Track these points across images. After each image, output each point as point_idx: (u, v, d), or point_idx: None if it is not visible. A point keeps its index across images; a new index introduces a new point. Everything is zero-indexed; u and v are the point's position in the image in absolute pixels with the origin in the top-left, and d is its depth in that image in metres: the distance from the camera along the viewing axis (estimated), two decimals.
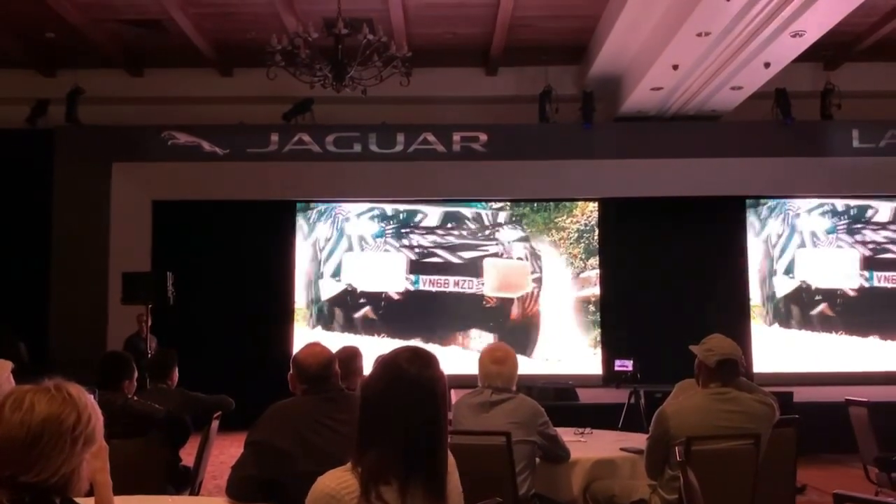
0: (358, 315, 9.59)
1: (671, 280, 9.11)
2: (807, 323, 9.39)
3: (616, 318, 9.21)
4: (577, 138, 9.23)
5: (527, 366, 8.26)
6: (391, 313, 9.56)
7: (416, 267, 9.63)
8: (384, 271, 9.58)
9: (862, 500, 2.07)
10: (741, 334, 8.84)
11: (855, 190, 9.36)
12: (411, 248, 9.64)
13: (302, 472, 2.55)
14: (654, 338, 8.43)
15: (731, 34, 7.01)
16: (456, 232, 9.61)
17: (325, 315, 9.58)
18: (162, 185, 9.29)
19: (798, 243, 9.49)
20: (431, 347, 8.25)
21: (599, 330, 9.30)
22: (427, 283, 9.58)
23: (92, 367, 3.96)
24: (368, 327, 9.55)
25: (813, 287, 9.43)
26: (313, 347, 2.97)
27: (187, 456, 4.36)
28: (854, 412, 5.27)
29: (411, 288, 9.61)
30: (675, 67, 7.76)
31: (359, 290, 9.60)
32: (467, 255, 9.65)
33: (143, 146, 9.28)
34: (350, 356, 4.08)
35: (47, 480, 1.54)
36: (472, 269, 9.61)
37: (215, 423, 4.42)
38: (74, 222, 9.16)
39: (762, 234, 9.47)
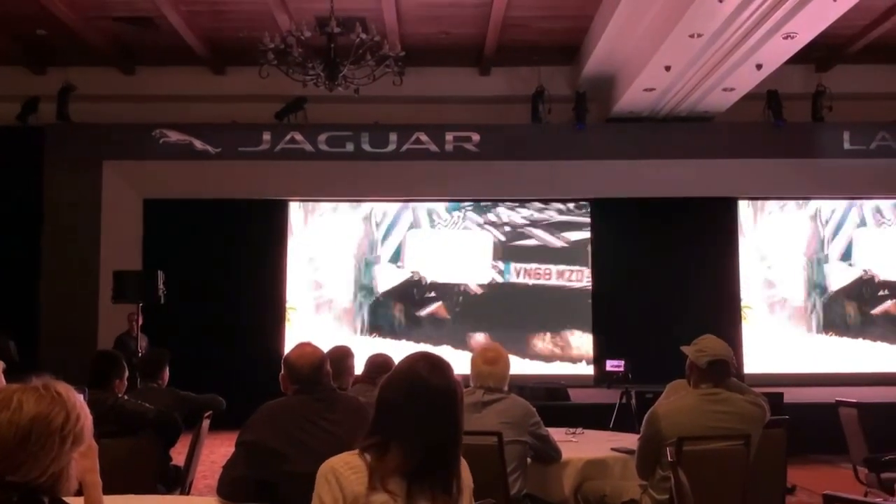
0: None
1: (663, 280, 9.13)
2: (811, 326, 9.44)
3: (608, 319, 9.22)
4: (569, 139, 9.24)
5: (518, 366, 8.27)
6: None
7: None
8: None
9: (851, 500, 2.08)
10: (732, 335, 8.86)
11: (846, 192, 9.41)
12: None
13: (293, 472, 2.56)
14: (646, 338, 8.45)
15: (723, 35, 7.02)
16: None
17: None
18: (153, 183, 9.26)
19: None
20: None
21: (591, 329, 9.31)
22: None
23: (82, 365, 3.95)
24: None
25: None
26: (304, 348, 2.97)
27: (178, 455, 4.35)
28: (844, 413, 5.30)
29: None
30: (668, 68, 7.78)
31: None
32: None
33: (135, 144, 9.25)
34: (341, 356, 4.08)
35: (36, 480, 1.53)
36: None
37: (206, 423, 4.41)
38: (65, 220, 9.12)
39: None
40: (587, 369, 9.15)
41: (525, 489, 3.65)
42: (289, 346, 7.10)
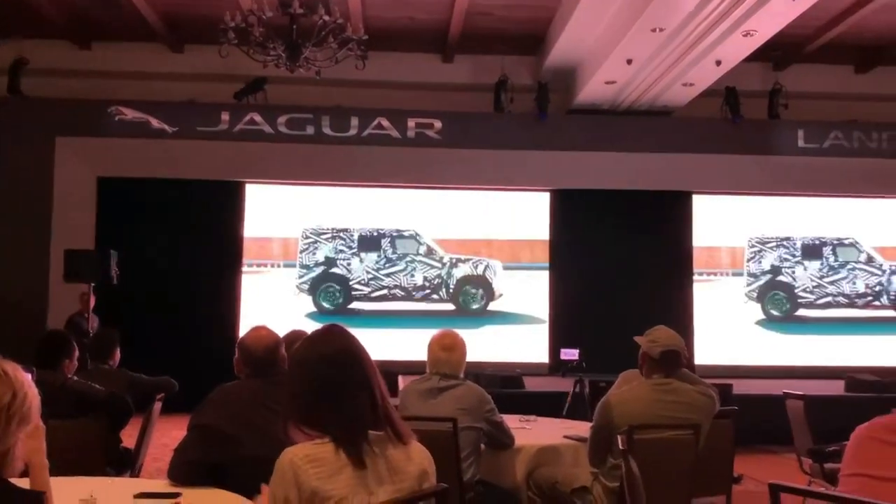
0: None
1: (619, 271, 9.24)
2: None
3: (564, 308, 9.31)
4: (531, 129, 9.28)
5: (474, 353, 8.30)
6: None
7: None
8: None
9: (796, 489, 2.13)
10: (684, 326, 9.02)
11: (799, 189, 9.60)
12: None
13: (246, 456, 2.54)
14: (601, 328, 8.55)
15: (684, 31, 7.10)
16: None
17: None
18: (107, 161, 9.06)
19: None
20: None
21: (548, 318, 9.38)
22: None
23: (31, 346, 3.87)
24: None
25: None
26: (259, 331, 2.95)
27: (128, 438, 4.30)
28: (790, 405, 5.43)
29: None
30: (629, 62, 7.84)
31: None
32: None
33: (89, 121, 9.04)
34: (296, 339, 4.06)
35: None
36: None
37: (158, 405, 4.36)
38: (16, 197, 8.89)
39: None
40: (542, 357, 9.23)
41: (478, 475, 3.69)
42: (243, 329, 7.06)
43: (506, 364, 8.73)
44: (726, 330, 9.53)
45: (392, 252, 9.41)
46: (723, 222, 9.69)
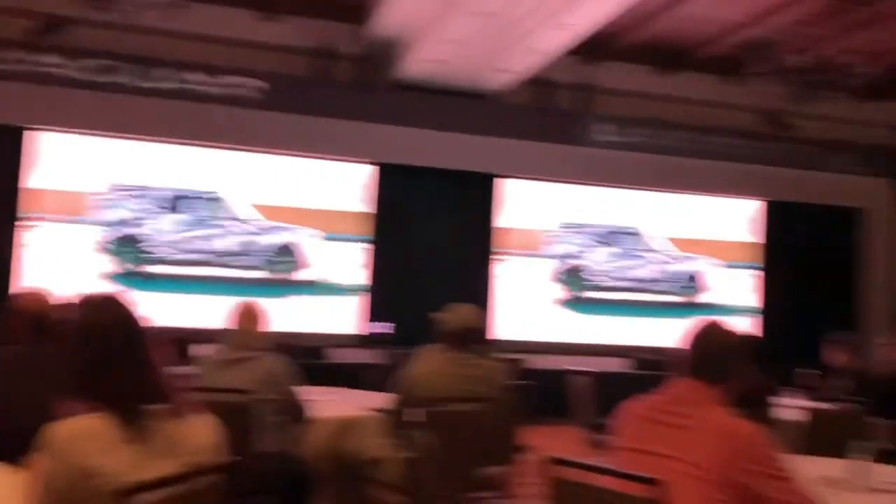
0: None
1: (433, 248, 9.39)
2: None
3: (380, 281, 9.35)
4: (353, 99, 9.18)
5: (285, 323, 8.18)
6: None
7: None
8: None
9: (570, 462, 2.28)
10: (486, 303, 9.36)
11: (604, 181, 10.19)
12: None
13: (8, 427, 2.35)
14: (414, 303, 8.66)
15: (505, 17, 7.29)
16: None
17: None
18: None
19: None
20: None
21: (362, 292, 9.39)
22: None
23: None
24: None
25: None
26: (30, 294, 2.75)
27: None
28: (575, 381, 5.82)
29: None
30: (452, 42, 7.96)
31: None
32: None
33: None
34: (74, 307, 3.81)
35: None
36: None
37: None
38: None
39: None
40: (355, 330, 9.24)
41: (274, 447, 3.65)
42: (20, 290, 6.43)
43: (316, 335, 8.68)
44: (527, 308, 9.99)
45: (201, 214, 9.02)
46: (532, 206, 10.12)
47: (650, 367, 8.84)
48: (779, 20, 8.36)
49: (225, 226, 9.07)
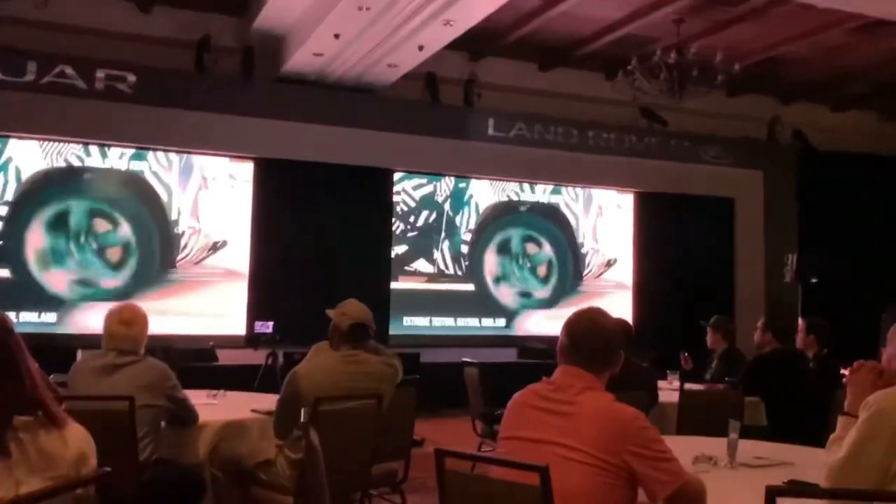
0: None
1: (317, 244, 9.29)
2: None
3: (263, 279, 9.17)
4: (234, 93, 8.96)
5: (166, 325, 7.90)
6: None
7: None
8: None
9: (458, 454, 2.31)
10: (380, 298, 9.34)
11: (488, 173, 10.35)
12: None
13: None
14: (300, 300, 8.55)
15: (390, 12, 7.28)
16: None
17: None
18: None
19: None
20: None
21: (247, 290, 9.18)
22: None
23: None
24: None
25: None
26: None
27: None
28: (468, 372, 5.89)
29: None
30: (337, 36, 7.88)
31: None
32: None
33: None
34: None
35: None
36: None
37: None
38: None
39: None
40: (240, 330, 9.02)
41: (157, 454, 3.52)
42: None
43: (200, 337, 8.42)
44: (419, 302, 10.03)
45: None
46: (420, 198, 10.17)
47: (536, 355, 9.08)
48: (652, 19, 8.70)
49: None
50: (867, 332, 7.44)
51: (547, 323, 10.28)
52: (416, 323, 9.97)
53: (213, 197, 9.14)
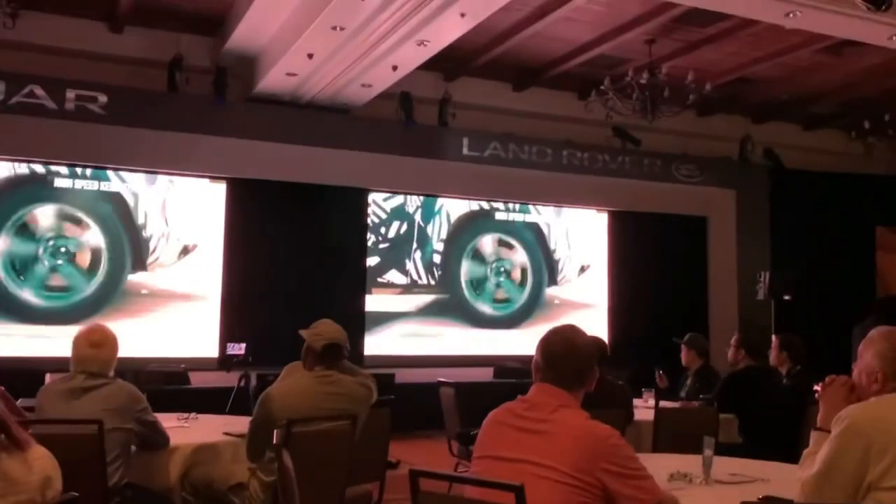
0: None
1: (293, 264, 9.24)
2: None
3: (235, 300, 9.09)
4: (207, 113, 8.92)
5: (137, 349, 7.78)
6: None
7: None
8: None
9: (432, 474, 2.28)
10: (355, 318, 9.29)
11: (463, 193, 10.37)
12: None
13: None
14: (272, 321, 8.48)
15: (363, 33, 7.30)
16: None
17: None
18: None
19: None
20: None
21: (219, 312, 9.09)
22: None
23: None
24: None
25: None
26: None
27: None
28: (444, 392, 5.85)
29: None
30: (311, 56, 7.88)
31: None
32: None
33: None
34: None
35: None
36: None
37: None
38: None
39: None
40: (212, 352, 8.92)
41: (126, 478, 3.45)
42: None
43: (172, 359, 8.30)
44: (392, 322, 9.99)
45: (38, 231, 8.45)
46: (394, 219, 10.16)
47: (512, 374, 9.05)
48: (623, 40, 8.80)
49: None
50: (839, 348, 7.51)
51: (522, 341, 10.28)
52: (389, 344, 9.90)
53: (180, 217, 9.06)
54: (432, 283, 10.26)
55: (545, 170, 10.62)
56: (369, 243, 9.92)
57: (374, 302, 9.87)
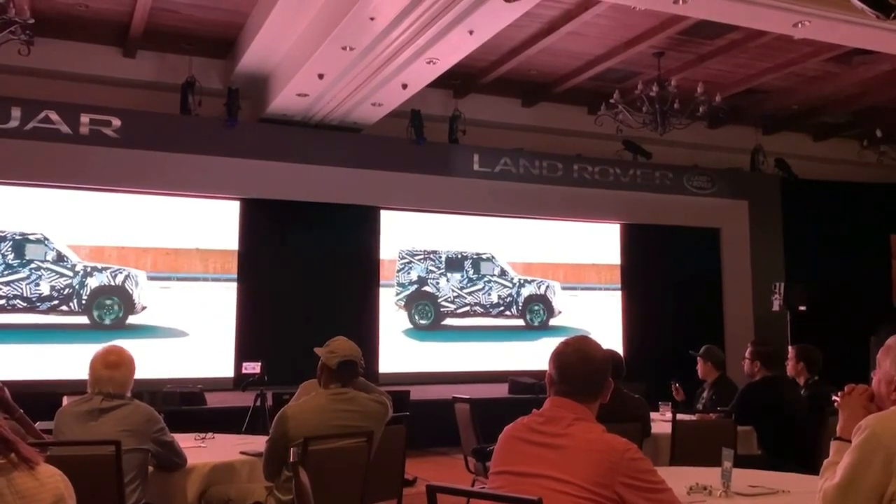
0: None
1: (306, 283, 9.27)
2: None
3: (250, 320, 9.12)
4: (219, 134, 8.99)
5: (153, 370, 7.82)
6: None
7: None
8: None
9: (450, 489, 2.27)
10: (370, 336, 9.31)
11: (474, 209, 10.39)
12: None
13: None
14: (286, 340, 8.51)
15: (373, 52, 7.35)
16: None
17: None
18: None
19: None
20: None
21: (234, 331, 9.12)
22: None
23: None
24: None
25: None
26: None
27: None
28: (459, 408, 5.83)
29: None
30: (321, 76, 7.94)
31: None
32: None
33: None
34: None
35: None
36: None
37: None
38: None
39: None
40: (227, 372, 8.94)
41: (144, 499, 3.46)
42: None
43: (188, 379, 8.33)
44: (398, 338, 9.97)
45: (19, 258, 8.42)
46: (408, 237, 10.17)
47: (526, 389, 9.02)
48: (632, 53, 8.82)
49: (44, 269, 8.49)
50: (857, 357, 7.45)
51: (537, 356, 10.24)
52: (404, 361, 9.89)
53: (194, 238, 9.12)
54: (415, 304, 10.21)
55: (556, 184, 10.63)
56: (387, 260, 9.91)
57: (388, 319, 9.88)
